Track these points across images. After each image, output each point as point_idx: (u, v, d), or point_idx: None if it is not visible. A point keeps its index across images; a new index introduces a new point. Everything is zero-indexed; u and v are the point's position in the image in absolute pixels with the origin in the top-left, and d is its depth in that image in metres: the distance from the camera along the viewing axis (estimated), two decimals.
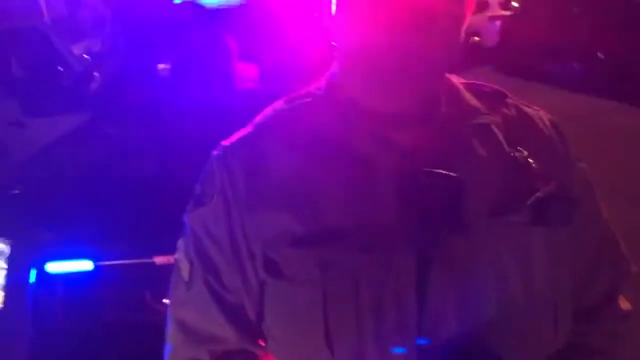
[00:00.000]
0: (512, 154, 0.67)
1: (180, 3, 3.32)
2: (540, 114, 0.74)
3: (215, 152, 0.71)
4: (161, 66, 3.25)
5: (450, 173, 0.61)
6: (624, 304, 0.78)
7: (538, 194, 0.65)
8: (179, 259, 0.71)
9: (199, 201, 0.69)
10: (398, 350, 0.61)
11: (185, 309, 0.71)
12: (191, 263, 0.69)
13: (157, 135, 2.03)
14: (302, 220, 0.63)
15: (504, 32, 10.62)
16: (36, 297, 1.42)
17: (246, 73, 3.11)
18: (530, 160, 0.67)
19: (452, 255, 0.61)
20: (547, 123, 0.74)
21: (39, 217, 1.57)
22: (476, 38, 3.77)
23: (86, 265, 1.47)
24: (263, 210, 0.65)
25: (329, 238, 0.62)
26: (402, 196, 0.61)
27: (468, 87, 0.73)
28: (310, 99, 0.71)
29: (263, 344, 0.70)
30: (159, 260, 1.31)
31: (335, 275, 0.62)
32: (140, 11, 3.43)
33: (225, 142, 0.71)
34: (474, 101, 0.71)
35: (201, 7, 3.15)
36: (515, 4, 12.11)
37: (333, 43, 0.69)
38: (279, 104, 0.73)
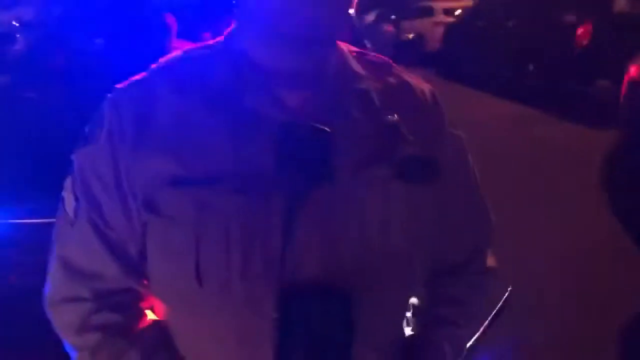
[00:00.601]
0: (385, 118, 0.72)
1: None
2: (421, 85, 0.80)
3: (109, 95, 0.71)
4: (97, 40, 3.15)
5: (324, 128, 0.65)
6: (490, 261, 0.86)
7: (400, 152, 0.70)
8: (65, 196, 0.71)
9: (87, 140, 0.70)
10: (261, 287, 0.64)
11: (68, 246, 0.71)
12: (77, 200, 0.69)
13: (79, 103, 1.97)
14: (184, 164, 0.65)
15: (446, 38, 11.03)
16: None
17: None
18: (400, 124, 0.72)
19: (317, 201, 0.65)
20: (427, 93, 0.79)
21: None
22: (410, 35, 3.92)
23: None
24: (148, 152, 0.66)
25: (206, 181, 0.65)
26: (278, 145, 0.65)
27: (357, 55, 0.78)
28: (208, 51, 0.73)
29: (146, 282, 0.71)
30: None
31: (209, 214, 0.64)
32: None
33: (119, 85, 0.71)
34: (359, 68, 0.75)
35: None
36: (458, 12, 12.62)
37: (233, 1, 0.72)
38: (176, 53, 0.74)
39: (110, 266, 0.69)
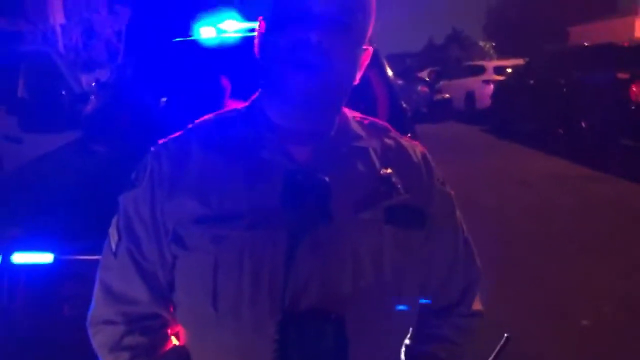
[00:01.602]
0: (380, 171, 0.85)
1: (183, 41, 3.57)
2: (414, 146, 0.93)
3: (152, 148, 0.87)
4: (162, 99, 3.48)
5: (324, 177, 0.78)
6: (476, 306, 0.94)
7: (392, 200, 0.82)
8: (111, 231, 0.85)
9: (132, 184, 0.85)
10: (266, 312, 0.75)
11: (109, 273, 0.85)
12: (119, 235, 0.83)
13: (138, 156, 2.19)
14: (207, 204, 0.78)
15: (497, 96, 11.04)
16: (0, 284, 1.53)
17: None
18: (392, 176, 0.84)
19: (317, 239, 0.76)
20: (418, 153, 0.90)
21: (12, 214, 1.70)
22: (447, 95, 4.03)
23: (47, 257, 1.59)
24: (179, 195, 0.79)
25: (224, 219, 0.76)
26: (284, 190, 0.77)
27: (358, 119, 0.92)
28: (233, 114, 0.90)
29: (173, 311, 0.84)
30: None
31: (225, 248, 0.76)
32: (149, 46, 3.67)
33: (160, 141, 0.87)
34: (359, 130, 0.90)
35: (201, 46, 3.39)
36: (509, 70, 12.65)
37: (259, 73, 0.88)
38: (208, 116, 0.91)
39: (142, 293, 0.82)
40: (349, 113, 0.91)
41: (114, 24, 13.04)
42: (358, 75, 0.85)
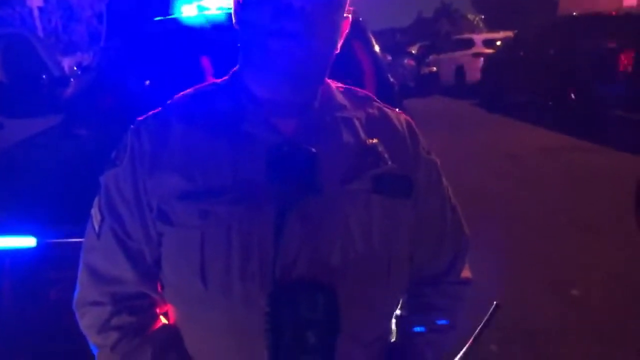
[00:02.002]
0: (365, 141, 0.83)
1: (164, 20, 3.48)
2: (398, 115, 0.91)
3: (132, 126, 0.84)
4: (146, 82, 3.41)
5: (310, 148, 0.77)
6: (465, 273, 0.94)
7: (378, 170, 0.81)
8: (93, 212, 0.84)
9: (113, 163, 0.83)
10: (257, 285, 0.74)
11: (93, 254, 0.83)
12: (102, 215, 0.82)
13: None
14: (191, 180, 0.76)
15: (486, 69, 10.99)
16: None
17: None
18: (378, 146, 0.83)
19: (306, 211, 0.75)
20: (403, 122, 0.89)
21: None
22: (434, 69, 4.00)
23: (30, 241, 1.57)
24: (162, 171, 0.78)
25: (210, 194, 0.75)
26: (271, 163, 0.75)
27: (343, 90, 0.90)
28: (213, 87, 0.87)
29: (160, 290, 0.83)
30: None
31: (212, 222, 0.74)
32: (130, 28, 3.59)
33: (140, 118, 0.85)
34: (343, 100, 0.88)
35: (183, 25, 3.31)
36: (498, 43, 12.59)
37: (238, 45, 0.85)
38: (187, 91, 0.88)
39: (128, 272, 0.81)
40: (332, 83, 0.89)
41: (94, 6, 12.75)
42: (339, 44, 0.82)
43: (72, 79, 3.32)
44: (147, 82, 3.38)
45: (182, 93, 0.87)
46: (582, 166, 5.76)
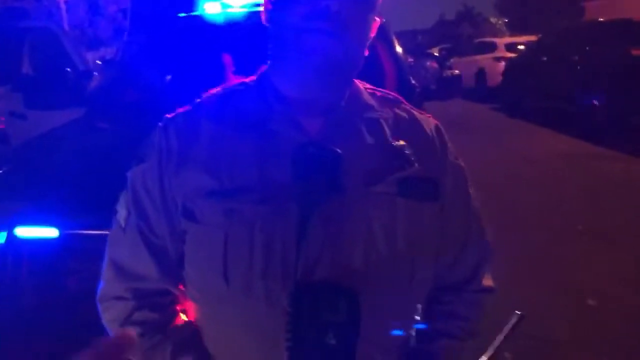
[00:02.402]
0: (392, 143, 0.83)
1: (188, 16, 3.52)
2: (427, 119, 0.90)
3: (160, 123, 0.85)
4: (167, 77, 3.45)
5: (336, 149, 0.76)
6: (487, 281, 0.92)
7: (405, 173, 0.80)
8: (119, 209, 0.85)
9: (140, 159, 0.84)
10: (278, 285, 0.74)
11: (118, 249, 0.84)
12: (128, 211, 0.83)
13: (145, 133, 2.18)
14: (217, 178, 0.77)
15: (508, 73, 10.86)
16: (4, 258, 1.54)
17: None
18: (406, 149, 0.82)
19: (329, 212, 0.74)
20: (432, 126, 0.88)
21: (18, 189, 1.70)
22: (456, 72, 3.94)
23: (52, 232, 1.59)
24: (188, 169, 0.78)
25: (235, 192, 0.75)
26: (296, 163, 0.75)
27: (370, 91, 0.90)
28: (242, 87, 0.87)
29: (182, 288, 0.84)
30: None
31: (236, 221, 0.75)
32: (154, 24, 3.63)
33: (168, 115, 0.86)
34: (371, 101, 0.87)
35: (206, 21, 3.34)
36: (520, 47, 12.43)
37: (268, 43, 0.85)
38: (216, 89, 0.88)
39: (152, 269, 0.81)
40: (360, 84, 0.88)
41: (119, 1, 12.93)
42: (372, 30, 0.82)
43: (95, 73, 3.36)
44: (169, 77, 3.42)
45: (210, 92, 0.88)
46: (603, 173, 5.66)
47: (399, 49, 2.92)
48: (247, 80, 0.88)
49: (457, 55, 15.43)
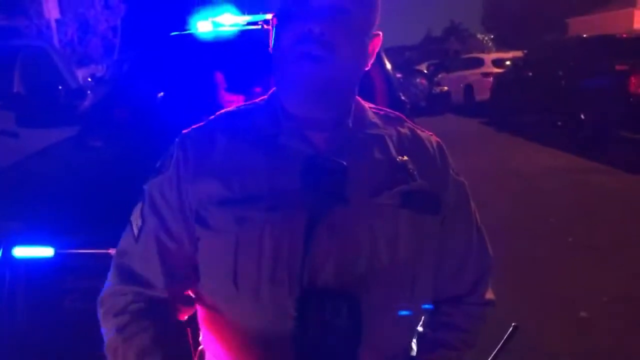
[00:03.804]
0: (396, 158, 0.86)
1: (179, 35, 3.55)
2: (429, 137, 0.94)
3: (177, 138, 0.89)
4: (159, 94, 3.47)
5: (341, 162, 0.79)
6: (488, 295, 0.95)
7: (408, 187, 0.84)
8: (133, 218, 0.87)
9: (157, 171, 0.87)
10: (285, 291, 0.77)
11: (127, 257, 0.86)
12: (143, 220, 0.85)
13: (138, 151, 2.19)
14: (229, 188, 0.81)
15: (495, 88, 11.02)
16: (1, 278, 1.54)
17: (232, 105, 3.31)
18: (409, 164, 0.86)
19: (334, 221, 0.78)
20: (434, 143, 0.92)
21: (11, 208, 1.70)
22: (445, 88, 4.01)
23: (47, 251, 1.59)
24: (203, 178, 0.82)
25: (245, 200, 0.79)
26: (304, 173, 0.79)
27: (375, 109, 0.93)
28: (253, 106, 0.92)
29: (191, 293, 0.86)
30: (114, 252, 1.44)
31: (247, 227, 0.78)
32: (145, 41, 3.66)
33: (185, 131, 0.90)
34: (375, 119, 0.91)
35: (198, 40, 3.37)
36: (507, 63, 12.63)
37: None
38: (230, 108, 0.93)
39: (159, 278, 0.83)
40: (365, 103, 0.92)
41: (110, 19, 13.00)
42: (370, 61, 0.86)
43: (89, 92, 3.37)
44: (161, 94, 3.44)
45: (224, 110, 0.93)
46: (590, 187, 5.74)
47: (388, 66, 2.97)
48: (258, 100, 0.93)
49: (444, 71, 15.63)
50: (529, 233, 4.37)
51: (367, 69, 0.86)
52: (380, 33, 0.87)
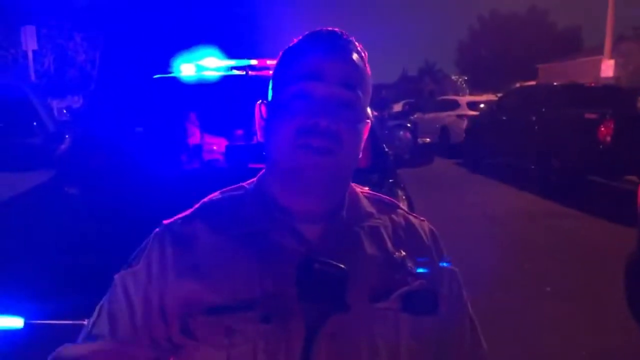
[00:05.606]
0: (393, 254, 0.84)
1: (161, 78, 3.53)
2: (422, 224, 0.93)
3: (156, 229, 0.84)
4: (138, 129, 3.42)
5: (340, 265, 0.74)
6: None
7: (408, 288, 0.81)
8: (97, 308, 0.82)
9: (130, 265, 0.82)
10: None
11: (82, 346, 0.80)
12: (98, 314, 0.81)
13: (117, 201, 2.12)
14: (217, 292, 0.75)
15: (470, 130, 11.28)
16: None
17: (212, 147, 3.29)
18: (407, 260, 0.84)
19: (334, 330, 0.75)
20: (427, 231, 0.91)
21: None
22: (428, 140, 4.11)
23: (17, 322, 1.49)
24: (185, 280, 0.77)
25: (236, 309, 0.74)
26: (301, 280, 0.74)
27: (368, 195, 0.91)
28: (241, 192, 0.87)
29: None
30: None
31: (238, 341, 0.74)
32: (123, 79, 3.63)
33: (165, 221, 0.85)
34: (369, 207, 0.89)
35: (180, 82, 3.36)
36: (482, 106, 12.99)
37: (263, 153, 0.86)
38: (215, 194, 0.88)
39: None
40: (357, 188, 0.90)
41: (88, 51, 12.94)
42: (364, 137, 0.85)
43: (67, 136, 3.30)
44: (138, 131, 3.38)
45: (210, 196, 0.88)
46: (563, 232, 5.84)
47: (371, 117, 2.99)
48: (245, 184, 0.89)
49: (420, 111, 15.96)
50: (503, 280, 4.38)
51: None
52: (369, 121, 0.86)
